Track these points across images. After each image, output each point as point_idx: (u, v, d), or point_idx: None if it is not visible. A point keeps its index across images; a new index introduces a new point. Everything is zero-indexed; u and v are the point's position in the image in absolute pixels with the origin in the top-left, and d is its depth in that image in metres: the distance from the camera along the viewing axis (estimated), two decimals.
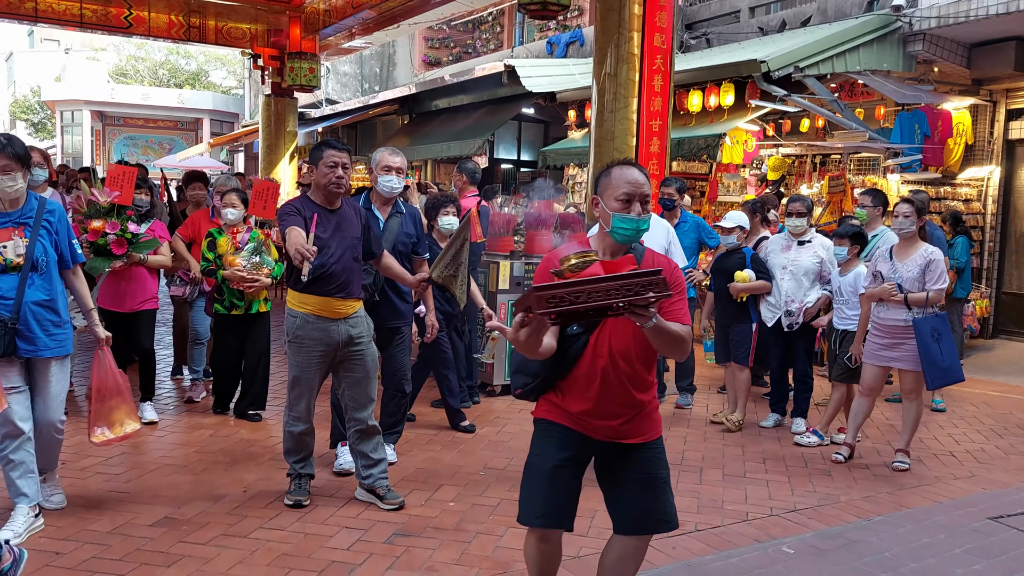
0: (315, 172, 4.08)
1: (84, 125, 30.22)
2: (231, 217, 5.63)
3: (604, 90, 6.96)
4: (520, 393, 2.74)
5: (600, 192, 2.66)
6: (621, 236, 2.59)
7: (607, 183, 2.63)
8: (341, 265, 4.04)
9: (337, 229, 4.08)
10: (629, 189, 2.57)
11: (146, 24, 12.98)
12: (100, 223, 5.11)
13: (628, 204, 2.56)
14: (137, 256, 5.30)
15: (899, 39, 9.56)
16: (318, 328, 4.03)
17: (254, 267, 5.40)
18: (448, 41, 20.21)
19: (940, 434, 6.05)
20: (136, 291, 5.42)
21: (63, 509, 4.04)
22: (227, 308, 5.63)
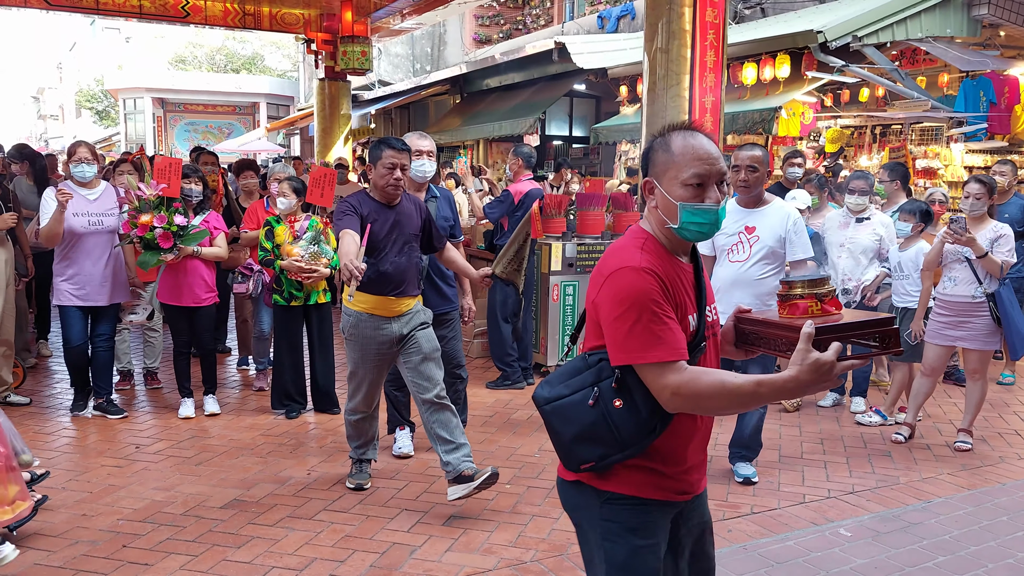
0: (372, 171, 3.98)
1: (146, 112, 30.96)
2: (282, 206, 5.54)
3: (655, 66, 6.90)
4: (592, 467, 1.96)
5: (657, 172, 1.98)
6: (694, 233, 1.94)
7: (667, 160, 1.95)
8: (396, 265, 3.97)
9: (395, 227, 4.00)
10: (701, 168, 1.91)
11: (203, 13, 13.24)
12: (148, 217, 5.14)
13: (702, 189, 1.92)
14: (189, 249, 5.29)
15: (963, 3, 9.24)
16: (372, 327, 3.98)
17: (312, 257, 5.32)
18: (498, 18, 20.13)
19: (1005, 412, 5.92)
20: (193, 284, 5.42)
21: (139, 492, 4.24)
22: (286, 299, 5.51)
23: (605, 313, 1.90)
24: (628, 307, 1.85)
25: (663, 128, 2.03)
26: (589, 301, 2.00)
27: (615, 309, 1.87)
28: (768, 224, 4.31)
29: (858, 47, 8.63)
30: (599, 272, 1.96)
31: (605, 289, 1.91)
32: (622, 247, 1.96)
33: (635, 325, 1.84)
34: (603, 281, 1.92)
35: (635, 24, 13.85)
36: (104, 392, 5.57)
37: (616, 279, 1.89)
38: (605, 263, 1.96)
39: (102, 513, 3.98)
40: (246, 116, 32.40)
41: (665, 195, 1.95)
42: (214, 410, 5.60)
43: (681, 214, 1.93)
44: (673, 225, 1.95)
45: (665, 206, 1.95)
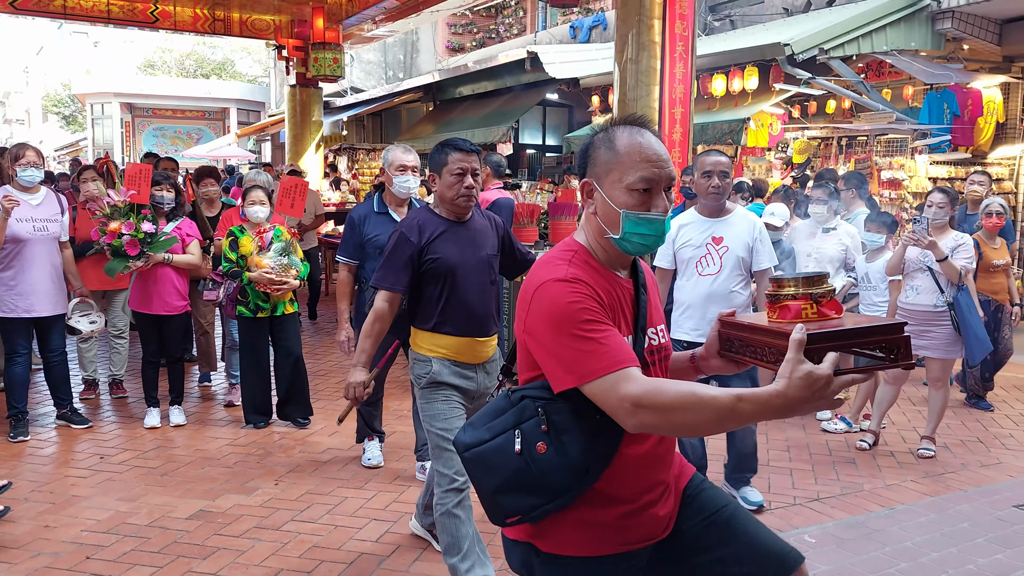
0: (436, 181, 3.26)
1: (114, 117, 30.60)
2: (262, 215, 5.37)
3: (626, 77, 6.97)
4: (519, 519, 1.74)
5: (597, 173, 1.75)
6: (636, 246, 1.73)
7: (611, 159, 1.72)
8: (477, 294, 3.25)
9: (469, 246, 3.27)
10: (649, 171, 1.69)
11: (172, 18, 13.14)
12: (117, 224, 5.08)
13: (648, 196, 1.70)
14: (158, 256, 5.22)
15: (927, 17, 9.42)
16: (453, 376, 3.22)
17: (282, 268, 5.19)
18: (471, 27, 20.18)
19: (967, 419, 6.02)
20: (164, 292, 5.34)
21: (103, 502, 4.18)
22: (252, 311, 5.32)
23: (535, 335, 1.68)
24: (558, 321, 1.63)
25: (607, 122, 1.80)
26: (518, 326, 1.76)
27: (545, 328, 1.65)
28: (735, 233, 4.17)
29: (824, 60, 8.77)
30: (524, 291, 1.73)
31: (532, 308, 1.69)
32: (548, 261, 1.75)
33: (571, 340, 1.61)
34: (529, 299, 1.71)
35: (607, 34, 13.96)
36: (66, 403, 5.46)
37: (542, 295, 1.68)
38: (529, 280, 1.74)
39: (65, 524, 3.92)
40: (216, 121, 32.14)
41: (606, 200, 1.73)
42: (179, 421, 5.51)
43: (624, 223, 1.70)
44: (614, 235, 1.73)
45: (606, 213, 1.74)
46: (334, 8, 13.07)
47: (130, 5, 12.74)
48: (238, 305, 5.34)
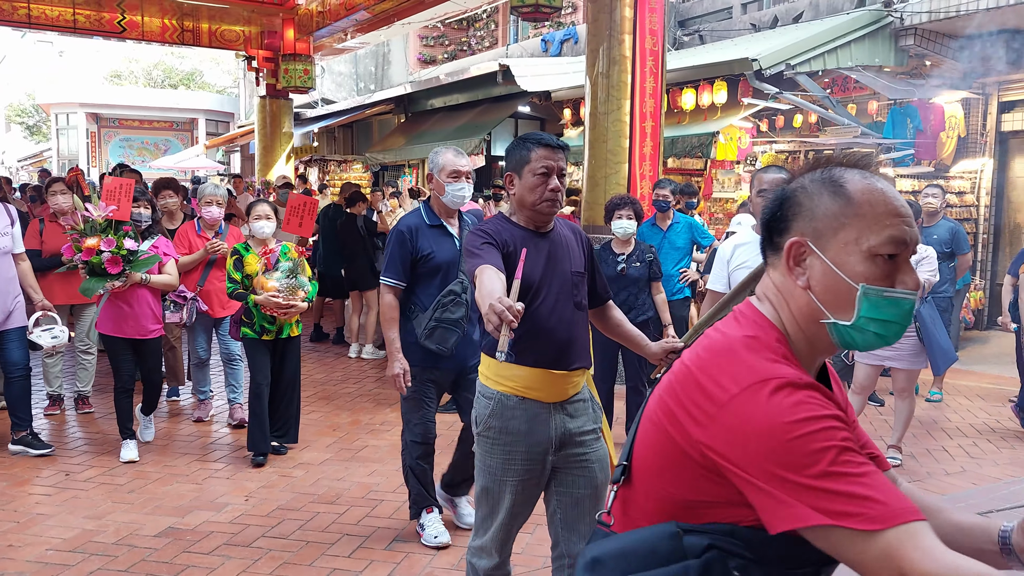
0: (514, 182, 2.74)
1: (79, 127, 30.20)
2: (267, 231, 5.04)
3: (597, 91, 7.03)
4: None
5: (817, 228, 1.29)
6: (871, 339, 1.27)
7: (841, 210, 1.27)
8: (559, 317, 2.68)
9: (551, 262, 2.72)
10: (899, 230, 1.26)
11: (139, 28, 13.05)
12: (95, 240, 4.77)
13: (895, 265, 1.27)
14: (137, 276, 4.92)
15: (891, 34, 9.61)
16: (522, 417, 2.64)
17: (290, 290, 4.86)
18: (443, 39, 20.23)
19: (933, 429, 6.13)
20: (139, 315, 5.01)
21: (69, 521, 4.11)
22: (257, 333, 4.98)
23: (736, 461, 1.17)
24: (789, 452, 1.13)
25: (815, 161, 1.36)
26: (681, 438, 1.25)
27: (761, 456, 1.14)
28: (752, 251, 3.87)
29: (791, 75, 8.90)
30: (705, 396, 1.23)
31: (724, 422, 1.19)
32: (742, 352, 1.25)
33: (828, 467, 1.11)
34: (727, 404, 1.19)
35: (578, 48, 14.07)
36: (25, 424, 5.13)
37: (761, 402, 1.17)
38: (712, 378, 1.23)
39: (30, 544, 3.85)
40: (184, 132, 31.85)
41: (833, 269, 1.25)
42: (148, 438, 5.35)
43: (861, 304, 1.24)
44: (841, 321, 1.26)
45: (830, 287, 1.26)
46: (305, 20, 13.05)
47: (97, 15, 12.63)
48: (243, 327, 5.03)
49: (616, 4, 6.87)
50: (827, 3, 10.86)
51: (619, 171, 7.04)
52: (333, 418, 6.09)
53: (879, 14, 9.52)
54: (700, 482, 1.23)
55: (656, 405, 1.32)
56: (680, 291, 6.43)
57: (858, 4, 10.38)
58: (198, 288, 5.65)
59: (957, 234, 7.03)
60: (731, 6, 12.47)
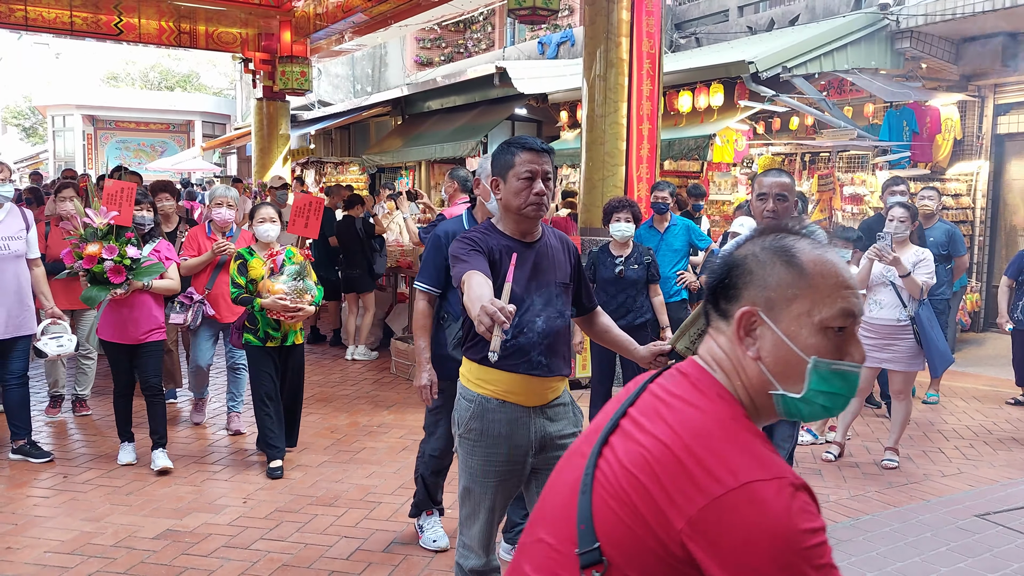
0: (500, 187, 2.74)
1: (76, 129, 30.14)
2: (272, 234, 4.97)
3: (594, 93, 7.05)
4: None
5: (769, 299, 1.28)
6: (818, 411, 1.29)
7: (795, 282, 1.27)
8: (544, 325, 2.70)
9: (536, 272, 2.75)
10: (849, 302, 1.28)
11: (136, 31, 13.04)
12: (96, 247, 4.61)
13: (844, 338, 1.28)
14: (139, 283, 4.79)
15: (887, 36, 9.64)
16: (503, 420, 2.68)
17: (297, 293, 4.75)
18: (440, 41, 20.25)
19: (930, 431, 6.14)
20: (140, 320, 4.86)
21: (67, 523, 4.11)
22: (261, 340, 4.86)
23: (739, 562, 1.09)
24: (811, 554, 1.09)
25: (764, 228, 1.36)
26: (659, 526, 1.16)
27: (781, 558, 1.08)
28: None
29: (788, 77, 8.92)
30: (693, 484, 1.14)
31: (737, 516, 1.10)
32: (730, 436, 1.19)
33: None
34: (722, 499, 1.12)
35: (574, 51, 14.08)
36: (23, 433, 5.07)
37: (767, 503, 1.10)
38: (701, 464, 1.15)
39: (28, 546, 3.85)
40: (180, 134, 31.82)
41: (785, 341, 1.24)
42: (166, 465, 4.89)
43: (811, 377, 1.24)
44: (791, 393, 1.25)
45: (781, 359, 1.25)
46: (302, 22, 13.06)
47: (94, 17, 12.62)
48: (246, 333, 4.90)
49: (613, 7, 6.88)
50: (823, 6, 10.90)
51: (616, 173, 7.05)
52: (331, 420, 6.10)
53: (875, 17, 9.55)
54: (662, 567, 1.16)
55: (625, 481, 1.20)
56: (677, 293, 6.45)
57: (854, 7, 10.41)
58: (206, 291, 5.55)
59: (954, 236, 7.05)
60: (727, 9, 12.50)
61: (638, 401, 1.30)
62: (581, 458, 1.30)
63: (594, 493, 1.23)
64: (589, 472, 1.25)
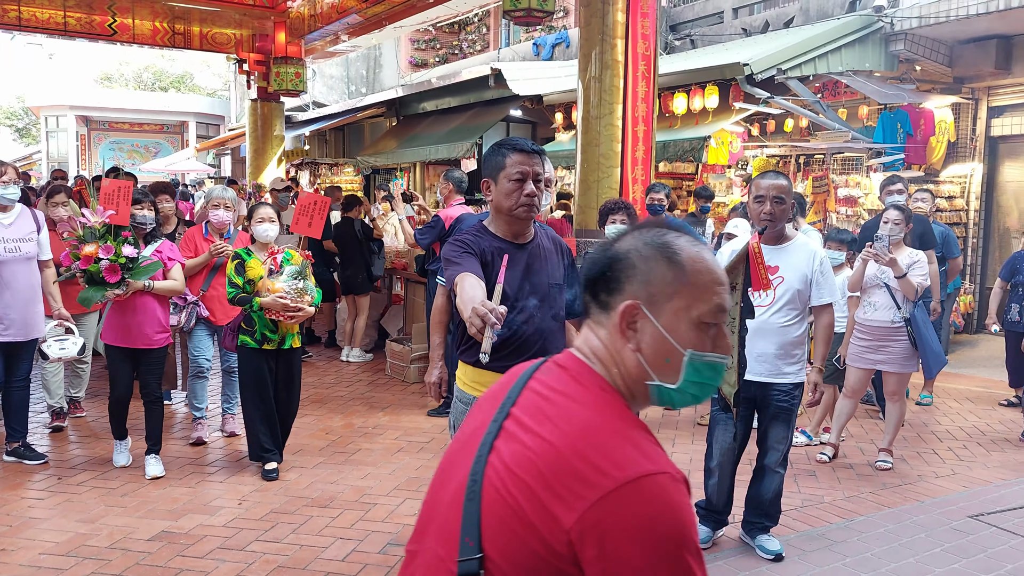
0: (491, 189, 2.77)
1: (69, 130, 30.06)
2: (272, 234, 4.92)
3: (589, 95, 7.05)
4: None
5: (651, 295, 1.31)
6: (688, 399, 1.35)
7: (674, 278, 1.32)
8: (535, 326, 2.73)
9: (528, 273, 2.78)
10: (722, 298, 1.34)
11: (130, 31, 12.99)
12: (93, 248, 4.53)
13: (715, 332, 1.34)
14: (139, 284, 4.67)
15: (881, 39, 9.67)
16: None
17: (297, 294, 4.67)
18: (434, 43, 20.25)
19: (923, 432, 6.16)
20: (144, 323, 4.75)
21: (62, 524, 4.09)
22: (258, 342, 4.76)
23: (623, 556, 1.11)
24: (672, 552, 1.13)
25: (644, 223, 1.41)
26: (545, 527, 1.16)
27: (650, 547, 1.12)
28: (793, 263, 3.83)
29: (782, 79, 8.95)
30: (581, 481, 1.15)
31: (627, 511, 1.13)
32: (616, 430, 1.21)
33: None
34: (612, 494, 1.13)
35: (569, 52, 14.10)
36: (19, 435, 5.04)
37: (652, 496, 1.14)
38: (588, 461, 1.16)
39: (23, 548, 3.83)
40: (174, 135, 31.75)
41: (665, 336, 1.29)
42: (157, 473, 4.81)
43: (686, 369, 1.30)
44: (667, 384, 1.31)
45: (659, 352, 1.29)
46: (296, 23, 13.03)
47: (87, 17, 12.57)
48: (241, 335, 4.82)
49: (608, 9, 6.89)
50: (818, 8, 10.93)
51: (611, 175, 7.06)
52: (326, 421, 6.09)
53: (869, 19, 9.59)
54: (550, 571, 1.16)
55: (512, 486, 1.19)
56: None
57: (849, 9, 10.44)
58: (201, 292, 5.48)
59: (947, 238, 7.08)
60: (722, 11, 12.52)
61: (520, 399, 1.30)
62: (466, 463, 1.29)
63: (483, 500, 1.22)
64: (477, 479, 1.24)
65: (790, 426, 3.94)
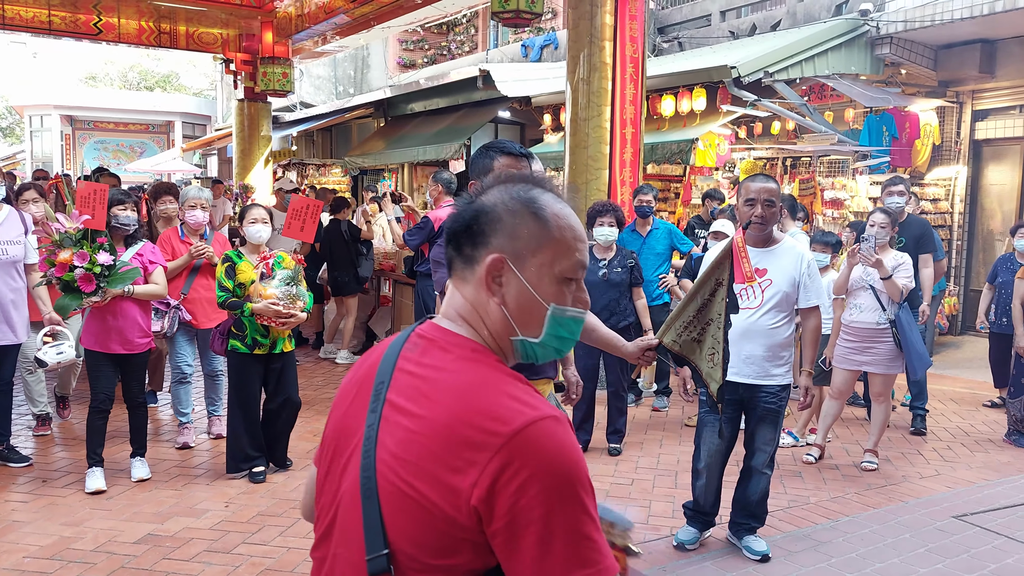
0: None
1: (54, 130, 29.83)
2: (264, 236, 4.83)
3: (578, 97, 7.07)
4: None
5: (517, 250, 1.29)
6: (549, 353, 1.35)
7: (538, 233, 1.30)
8: None
9: None
10: (583, 255, 1.34)
11: (116, 31, 12.91)
12: (68, 254, 4.34)
13: (573, 286, 1.33)
14: (116, 291, 4.48)
15: (867, 42, 9.74)
16: None
17: (289, 299, 4.59)
18: (423, 43, 20.22)
19: (908, 433, 6.20)
20: (125, 328, 4.59)
21: (46, 527, 4.06)
22: (249, 347, 4.68)
23: (522, 502, 1.13)
24: (573, 488, 1.15)
25: (508, 176, 1.37)
26: (446, 500, 1.16)
27: (551, 498, 1.13)
28: (781, 266, 3.86)
29: (769, 82, 8.99)
30: (470, 446, 1.15)
31: (511, 469, 1.13)
32: (493, 386, 1.21)
33: (579, 521, 1.15)
34: (503, 448, 1.14)
35: (558, 54, 14.12)
36: (2, 438, 4.98)
37: (541, 442, 1.15)
38: (474, 425, 1.16)
39: (6, 551, 3.80)
40: (160, 135, 31.57)
41: (529, 289, 1.28)
42: (143, 475, 4.74)
43: (548, 323, 1.30)
44: (530, 338, 1.31)
45: (523, 306, 1.29)
46: (283, 23, 12.98)
47: (72, 16, 12.49)
48: (232, 339, 4.71)
49: (596, 11, 6.91)
50: (804, 11, 10.99)
51: (599, 177, 7.07)
52: (313, 423, 6.07)
53: (855, 23, 9.65)
54: (462, 546, 1.17)
55: (406, 472, 1.19)
56: (660, 297, 6.47)
57: (835, 13, 10.50)
58: (182, 296, 5.34)
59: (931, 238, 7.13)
60: (710, 13, 12.57)
61: (393, 383, 1.29)
62: (354, 461, 1.28)
63: (380, 495, 1.21)
64: (370, 476, 1.23)
65: (777, 428, 3.96)
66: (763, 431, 3.94)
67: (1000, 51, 9.56)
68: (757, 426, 3.93)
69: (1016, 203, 9.97)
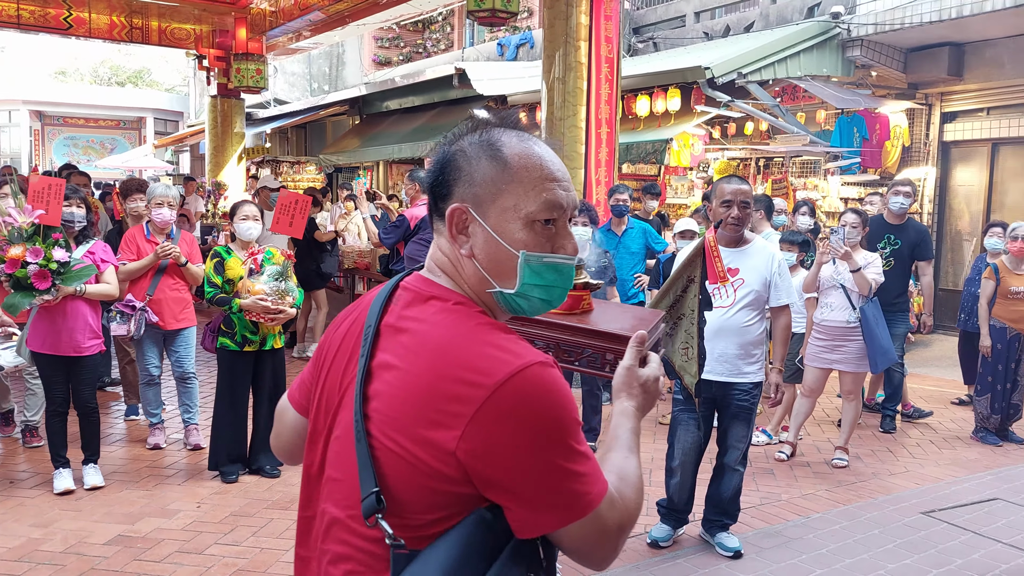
0: None
1: (22, 125, 29.35)
2: (254, 233, 4.77)
3: (553, 96, 7.08)
4: None
5: (477, 195, 1.24)
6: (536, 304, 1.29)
7: (498, 175, 1.24)
8: None
9: None
10: (556, 194, 1.25)
11: (87, 25, 12.73)
12: (20, 250, 4.17)
13: (553, 230, 1.26)
14: (69, 289, 4.33)
15: (838, 44, 9.86)
16: None
17: (278, 295, 4.55)
18: (398, 41, 20.16)
19: (878, 431, 6.29)
20: (74, 329, 4.43)
21: (14, 529, 4.01)
22: (238, 344, 4.64)
23: (510, 457, 1.12)
24: (561, 431, 1.15)
25: (474, 122, 1.31)
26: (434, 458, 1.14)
27: (539, 443, 1.13)
28: (753, 265, 3.91)
29: (743, 83, 9.07)
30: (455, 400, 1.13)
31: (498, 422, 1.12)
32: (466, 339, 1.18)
33: (569, 459, 1.15)
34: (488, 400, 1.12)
35: (534, 53, 14.14)
36: None
37: (525, 390, 1.13)
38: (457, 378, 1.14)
39: None
40: (131, 131, 31.18)
41: (494, 237, 1.22)
42: (96, 483, 4.56)
43: (523, 272, 1.23)
44: (506, 289, 1.25)
45: (492, 256, 1.24)
46: (257, 19, 12.88)
47: (42, 10, 12.29)
48: (221, 337, 4.66)
49: (572, 11, 6.93)
50: (777, 13, 11.10)
51: (575, 176, 7.10)
52: None
53: (827, 25, 9.76)
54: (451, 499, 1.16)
55: (391, 429, 1.17)
56: (635, 296, 6.50)
57: (807, 15, 10.62)
58: (147, 298, 5.14)
59: None
60: (684, 14, 12.66)
61: (380, 340, 1.25)
62: (345, 412, 1.25)
63: (375, 455, 1.18)
64: (362, 440, 1.19)
65: (750, 425, 4.01)
66: (736, 428, 3.98)
67: (968, 54, 9.72)
68: (730, 423, 3.98)
69: (983, 204, 10.14)
